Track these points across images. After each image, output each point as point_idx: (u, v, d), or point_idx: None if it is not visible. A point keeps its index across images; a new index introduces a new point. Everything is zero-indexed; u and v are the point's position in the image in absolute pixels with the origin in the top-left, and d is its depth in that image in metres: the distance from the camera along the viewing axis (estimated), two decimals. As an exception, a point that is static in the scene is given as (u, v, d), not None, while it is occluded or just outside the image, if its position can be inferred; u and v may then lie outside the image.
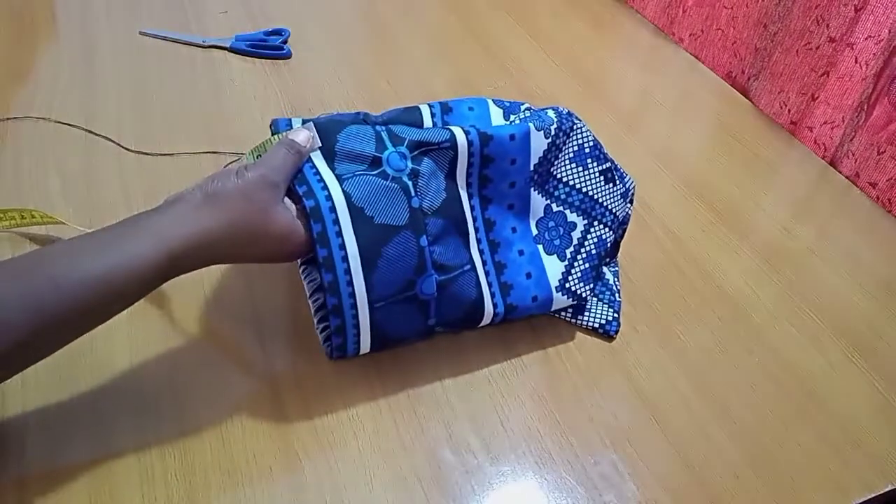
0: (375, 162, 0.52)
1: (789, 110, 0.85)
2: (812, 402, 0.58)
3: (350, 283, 0.50)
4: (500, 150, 0.56)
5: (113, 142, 0.72)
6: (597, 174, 0.60)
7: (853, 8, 0.75)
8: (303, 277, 0.60)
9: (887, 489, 0.53)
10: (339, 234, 0.50)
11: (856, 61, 0.77)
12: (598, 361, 0.59)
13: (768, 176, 0.80)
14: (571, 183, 0.60)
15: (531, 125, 0.57)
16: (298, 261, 0.61)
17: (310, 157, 0.52)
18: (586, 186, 0.60)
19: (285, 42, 0.90)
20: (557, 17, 1.03)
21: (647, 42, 1.01)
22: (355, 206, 0.50)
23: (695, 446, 0.54)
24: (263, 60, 0.87)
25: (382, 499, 0.49)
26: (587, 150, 0.60)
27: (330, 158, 0.52)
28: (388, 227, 0.51)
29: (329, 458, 0.50)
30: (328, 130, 0.53)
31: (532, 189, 0.59)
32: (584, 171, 0.60)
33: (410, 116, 0.58)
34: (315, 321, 0.57)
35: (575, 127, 0.60)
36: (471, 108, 0.61)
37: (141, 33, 0.89)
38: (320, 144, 0.52)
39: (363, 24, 0.99)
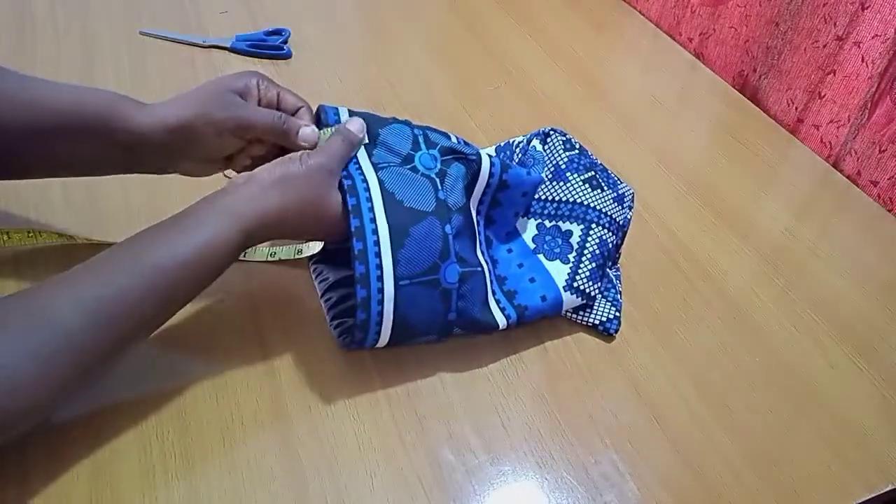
0: (408, 159, 0.56)
1: (796, 108, 0.86)
2: (812, 402, 0.58)
3: (378, 255, 0.51)
4: (516, 180, 0.60)
5: (113, 142, 0.72)
6: (580, 183, 0.62)
7: (860, 6, 0.75)
8: (314, 277, 0.60)
9: (888, 489, 0.53)
10: (372, 209, 0.52)
11: (862, 60, 0.77)
12: (599, 361, 0.59)
13: (769, 176, 0.80)
14: (557, 198, 0.62)
15: (544, 176, 0.62)
16: (308, 262, 0.61)
17: None
18: (573, 196, 0.62)
19: (285, 42, 0.90)
20: (558, 17, 1.03)
21: (647, 42, 1.01)
22: (387, 190, 0.53)
23: (695, 446, 0.54)
24: (263, 60, 0.88)
25: (382, 499, 0.49)
26: (563, 167, 0.63)
27: (371, 145, 0.56)
28: (417, 211, 0.53)
29: (329, 458, 0.51)
30: (373, 122, 0.57)
31: (521, 217, 0.62)
32: (565, 184, 0.62)
33: (441, 131, 0.60)
34: (328, 318, 0.57)
35: (546, 146, 0.63)
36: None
37: (141, 33, 0.89)
38: (366, 138, 0.56)
39: (363, 25, 0.99)
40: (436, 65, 0.91)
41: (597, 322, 0.60)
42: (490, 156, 0.58)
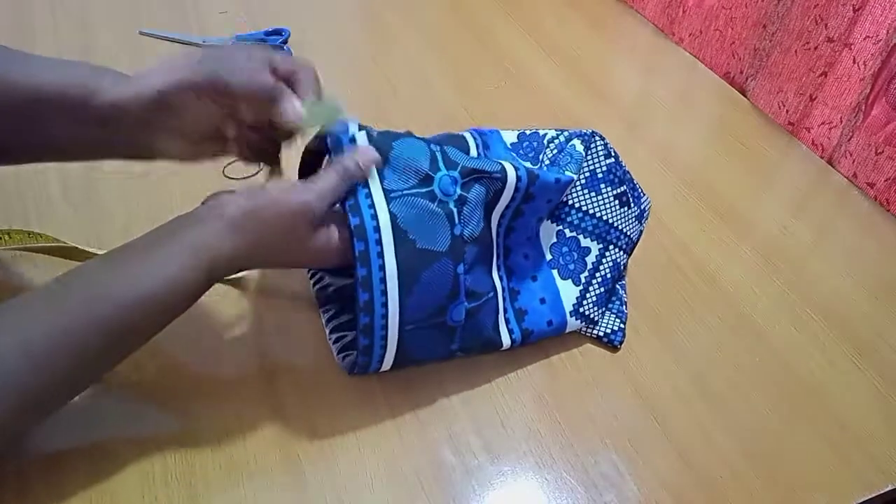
0: (426, 180, 0.51)
1: (787, 110, 0.85)
2: (812, 401, 0.58)
3: (385, 305, 0.49)
4: (543, 190, 0.56)
5: (113, 142, 0.72)
6: (611, 198, 0.60)
7: (851, 8, 0.75)
8: (311, 285, 0.60)
9: (887, 489, 0.53)
10: (381, 254, 0.49)
11: (854, 62, 0.77)
12: (599, 362, 0.59)
13: (768, 175, 0.80)
14: (585, 208, 0.59)
15: (574, 176, 0.57)
16: (308, 271, 0.61)
17: None
18: (600, 211, 0.60)
19: (285, 42, 0.90)
20: (557, 17, 1.03)
21: (647, 42, 1.01)
22: (400, 228, 0.49)
23: (695, 446, 0.54)
24: (263, 60, 0.87)
25: (382, 499, 0.49)
26: (600, 176, 0.59)
27: (382, 165, 0.51)
28: (429, 253, 0.50)
29: (329, 458, 0.50)
30: (384, 137, 0.52)
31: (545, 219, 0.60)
32: (597, 196, 0.59)
33: (458, 142, 0.57)
34: (327, 331, 0.57)
35: (589, 150, 0.59)
36: (507, 148, 0.61)
37: (141, 33, 0.89)
38: (378, 162, 0.50)
39: (363, 24, 0.99)
40: (436, 65, 0.91)
41: (601, 334, 0.60)
42: (517, 167, 0.54)
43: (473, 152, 0.58)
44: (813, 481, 0.53)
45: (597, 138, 0.60)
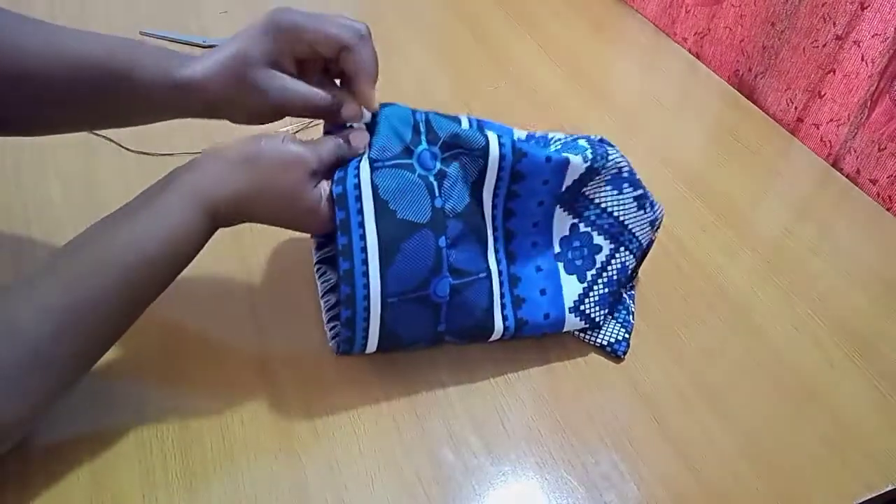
0: (407, 152, 0.53)
1: (796, 108, 0.86)
2: (812, 402, 0.58)
3: (365, 274, 0.50)
4: (533, 168, 0.55)
5: (113, 142, 0.72)
6: (630, 200, 0.59)
7: (859, 6, 0.76)
8: (317, 277, 0.60)
9: (887, 489, 0.53)
10: (362, 224, 0.50)
11: (862, 59, 0.77)
12: (599, 362, 0.59)
13: (769, 176, 0.80)
14: (603, 205, 0.59)
15: (569, 157, 0.56)
16: (315, 261, 0.61)
17: None
18: (618, 210, 0.59)
19: (285, 42, 0.90)
20: (558, 18, 1.03)
21: (647, 42, 1.01)
22: (381, 199, 0.50)
23: (695, 446, 0.54)
24: (263, 60, 0.87)
25: (382, 499, 0.49)
26: (625, 175, 0.59)
27: (372, 123, 0.53)
28: (410, 224, 0.51)
29: (329, 457, 0.51)
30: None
31: (558, 207, 0.58)
32: (618, 194, 0.59)
33: (450, 118, 0.57)
34: (325, 320, 0.57)
35: (610, 152, 0.58)
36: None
37: (141, 33, 0.89)
38: (367, 146, 0.53)
39: (363, 24, 0.99)
40: (436, 65, 0.91)
41: (605, 343, 0.59)
42: (501, 143, 0.54)
43: (465, 126, 0.56)
44: (813, 481, 0.53)
45: (608, 143, 0.59)
